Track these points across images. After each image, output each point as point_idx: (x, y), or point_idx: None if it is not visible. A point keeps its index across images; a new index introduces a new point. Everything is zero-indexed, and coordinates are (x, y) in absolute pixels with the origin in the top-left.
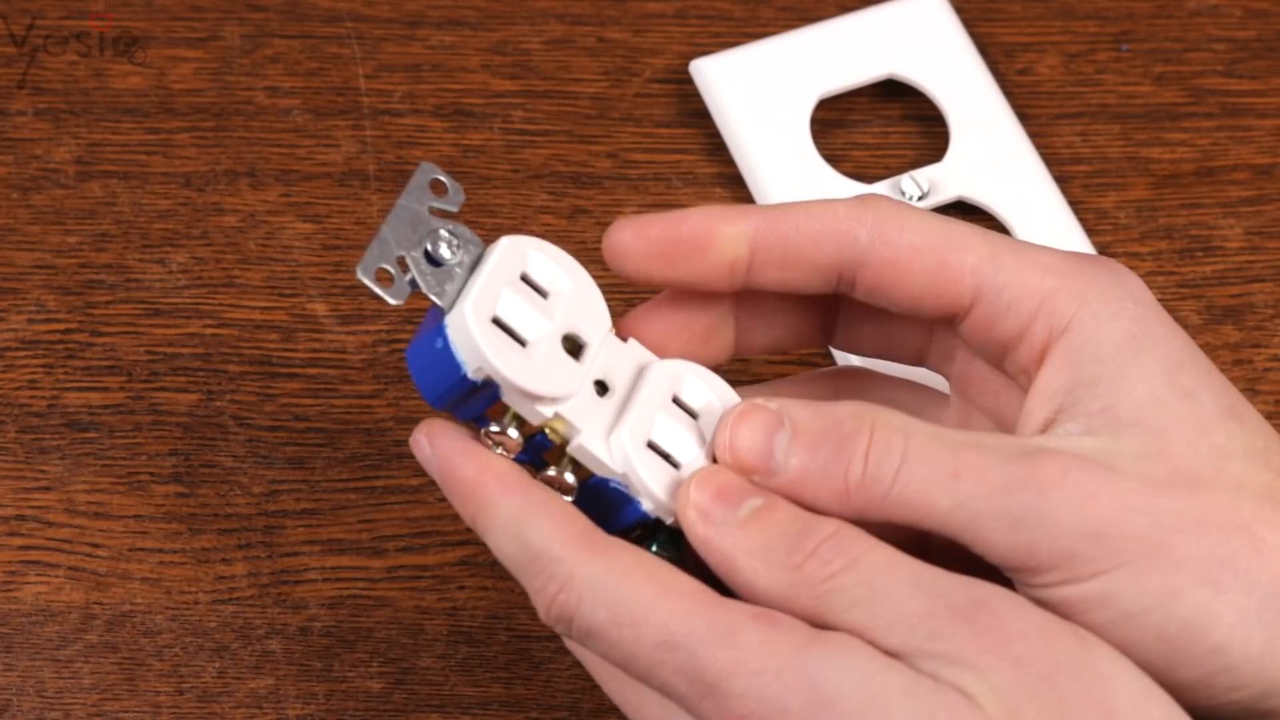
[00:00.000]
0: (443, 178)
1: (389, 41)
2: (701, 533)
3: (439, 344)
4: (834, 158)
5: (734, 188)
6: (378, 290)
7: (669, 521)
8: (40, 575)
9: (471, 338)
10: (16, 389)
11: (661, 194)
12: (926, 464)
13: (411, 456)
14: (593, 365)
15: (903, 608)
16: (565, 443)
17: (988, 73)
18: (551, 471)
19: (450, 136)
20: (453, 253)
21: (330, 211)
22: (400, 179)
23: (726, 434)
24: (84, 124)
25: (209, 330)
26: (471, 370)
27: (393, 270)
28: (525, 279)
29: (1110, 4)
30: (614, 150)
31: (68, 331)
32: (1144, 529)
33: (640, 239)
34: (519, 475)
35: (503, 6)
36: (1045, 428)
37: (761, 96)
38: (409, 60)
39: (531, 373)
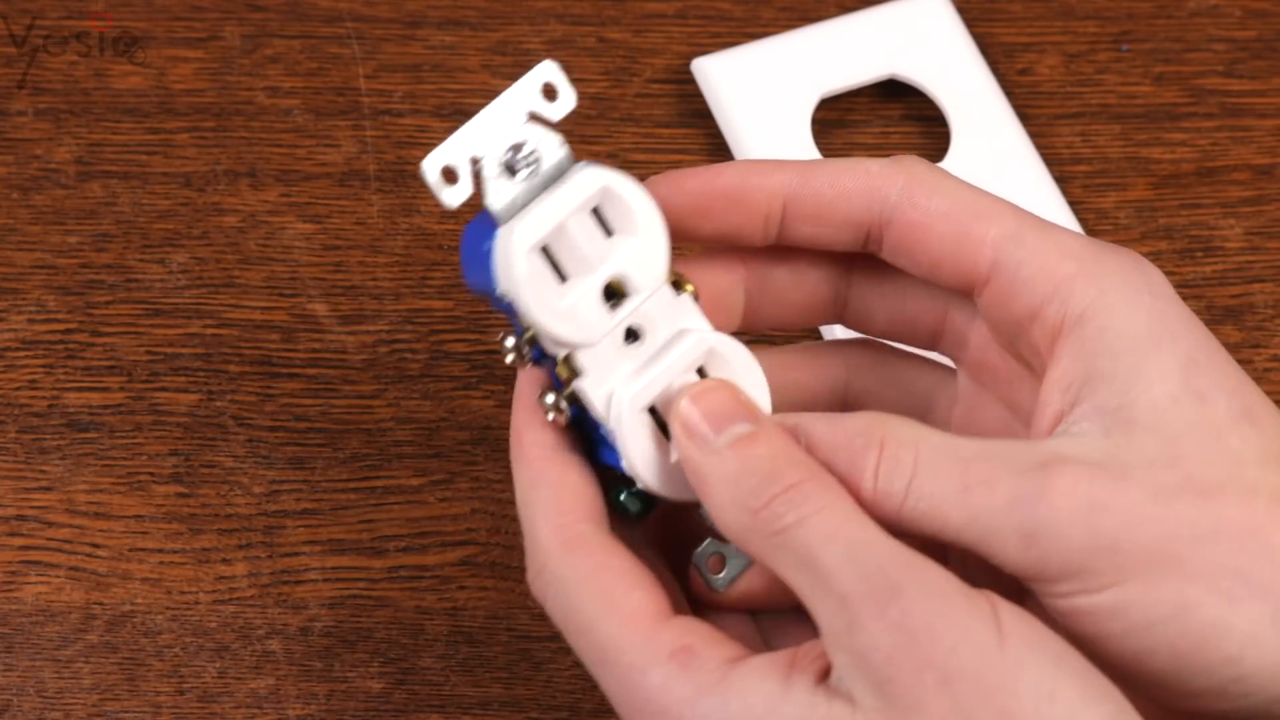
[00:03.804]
0: (557, 82)
1: (389, 41)
2: (683, 449)
3: (485, 246)
4: (835, 158)
5: None
6: (436, 189)
7: (639, 485)
8: (41, 575)
9: (510, 263)
10: (17, 389)
11: None
12: (936, 479)
13: (411, 457)
14: (629, 315)
15: (831, 585)
16: (573, 377)
17: (988, 73)
18: (550, 398)
19: None
20: (530, 165)
21: (330, 211)
22: (401, 179)
23: None
24: (84, 124)
25: (209, 330)
26: (501, 289)
27: (461, 170)
28: (596, 211)
29: (1110, 4)
30: (614, 150)
31: (68, 331)
32: (1155, 540)
33: (677, 193)
34: (548, 448)
35: (503, 6)
36: (1059, 420)
37: (763, 96)
38: (409, 60)
39: (555, 315)
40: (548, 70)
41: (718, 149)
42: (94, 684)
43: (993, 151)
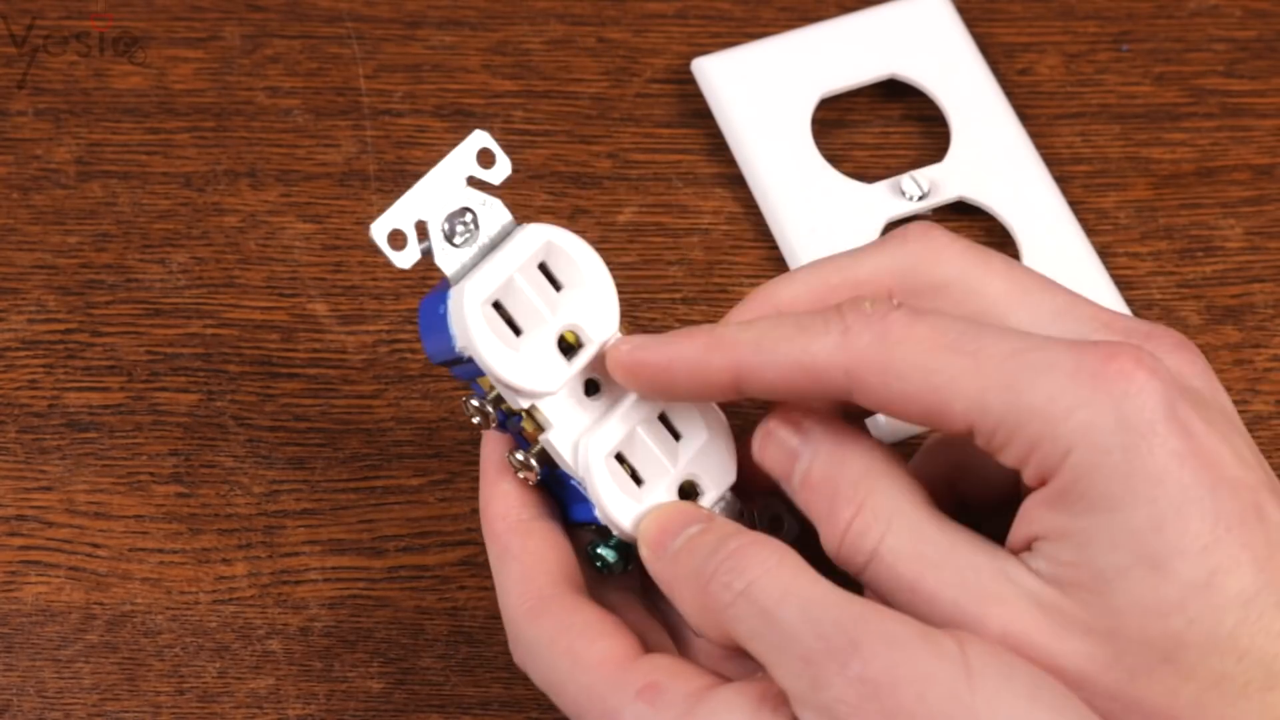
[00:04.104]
0: (492, 148)
1: (389, 41)
2: (649, 564)
3: (440, 310)
4: (835, 157)
5: (734, 187)
6: (387, 251)
7: (615, 531)
8: (41, 575)
9: (464, 317)
10: (17, 389)
11: (661, 194)
12: (895, 565)
13: (411, 457)
14: (586, 365)
15: (790, 647)
16: (539, 431)
17: (988, 73)
18: (519, 455)
19: (451, 137)
20: (475, 227)
21: (330, 211)
22: (400, 179)
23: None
24: (84, 124)
25: (209, 330)
26: (459, 345)
27: (409, 233)
28: (542, 268)
29: (1110, 4)
30: (614, 150)
31: (68, 331)
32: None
33: (646, 363)
34: (511, 520)
35: (503, 6)
36: (1026, 545)
37: (763, 96)
38: (409, 60)
39: (514, 365)
40: (480, 139)
41: (718, 149)
42: (94, 684)
43: (993, 151)
